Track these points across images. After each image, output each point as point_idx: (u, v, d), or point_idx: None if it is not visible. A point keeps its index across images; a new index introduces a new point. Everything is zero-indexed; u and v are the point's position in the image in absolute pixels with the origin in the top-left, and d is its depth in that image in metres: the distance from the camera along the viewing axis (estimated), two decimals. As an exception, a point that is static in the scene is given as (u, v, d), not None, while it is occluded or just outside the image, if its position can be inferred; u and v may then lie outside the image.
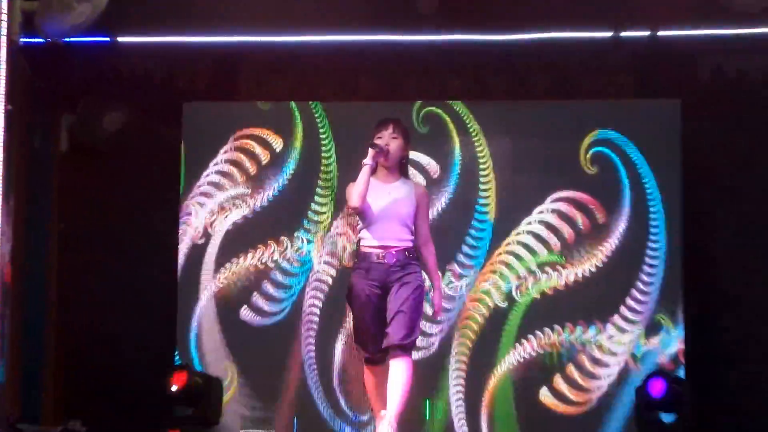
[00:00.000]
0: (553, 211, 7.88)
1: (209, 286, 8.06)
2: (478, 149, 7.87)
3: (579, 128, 7.83)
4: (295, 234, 7.94)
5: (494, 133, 7.87)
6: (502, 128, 7.83)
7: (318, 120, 7.99)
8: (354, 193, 5.11)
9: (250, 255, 8.05)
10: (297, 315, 7.92)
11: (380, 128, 5.21)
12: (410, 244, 5.27)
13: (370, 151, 5.13)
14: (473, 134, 7.89)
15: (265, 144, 8.02)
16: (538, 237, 7.89)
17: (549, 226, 7.87)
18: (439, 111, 7.89)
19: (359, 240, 5.27)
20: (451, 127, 7.91)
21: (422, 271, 5.31)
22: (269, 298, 8.01)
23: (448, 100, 7.87)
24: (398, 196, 5.24)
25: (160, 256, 7.93)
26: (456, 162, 7.87)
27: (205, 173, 8.07)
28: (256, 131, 8.04)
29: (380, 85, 7.86)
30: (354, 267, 5.31)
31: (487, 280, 7.93)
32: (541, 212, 7.89)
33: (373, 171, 5.17)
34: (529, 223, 7.89)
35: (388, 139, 5.19)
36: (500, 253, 7.90)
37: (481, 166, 7.88)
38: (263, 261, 8.00)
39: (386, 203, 5.21)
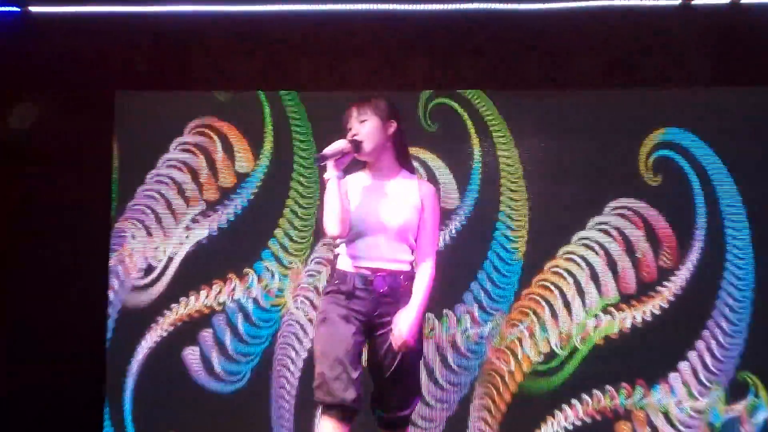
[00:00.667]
0: (603, 234, 6.44)
1: (150, 336, 6.56)
2: (504, 153, 6.45)
3: (638, 126, 6.38)
4: (264, 264, 6.46)
5: (525, 133, 6.47)
6: (536, 126, 6.44)
7: (294, 114, 6.54)
8: (329, 219, 4.04)
9: (203, 294, 6.51)
10: (265, 374, 6.46)
11: (345, 119, 4.21)
12: (408, 267, 4.15)
13: (328, 162, 4.10)
14: (497, 134, 6.46)
15: (225, 146, 6.56)
16: (582, 270, 6.45)
17: (597, 256, 6.45)
18: (453, 103, 6.46)
19: (336, 255, 4.17)
20: (469, 124, 6.43)
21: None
22: (228, 356, 6.52)
23: (465, 89, 6.44)
24: (396, 197, 4.14)
25: (87, 295, 6.53)
26: (475, 170, 6.42)
27: (142, 186, 6.63)
28: (213, 129, 6.59)
29: (376, 70, 6.49)
30: (328, 289, 4.16)
31: (516, 326, 6.45)
32: (585, 238, 6.45)
33: (363, 165, 4.17)
34: (571, 253, 6.43)
35: (355, 126, 4.15)
36: (533, 292, 6.44)
37: (508, 176, 6.45)
38: (220, 302, 6.49)
39: (378, 207, 4.10)
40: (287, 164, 6.55)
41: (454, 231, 6.40)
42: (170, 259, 6.51)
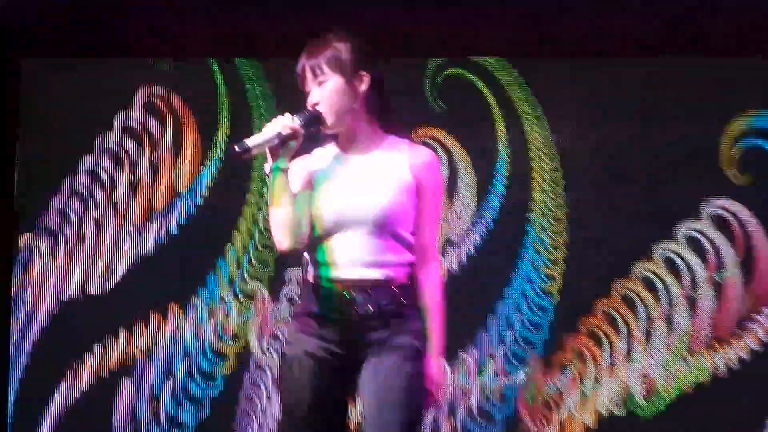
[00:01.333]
0: (677, 247, 5.69)
1: (64, 390, 5.73)
2: (538, 144, 5.72)
3: (719, 107, 5.66)
4: (219, 293, 5.72)
5: (566, 115, 5.73)
6: (580, 105, 5.72)
7: (255, 89, 5.84)
8: (276, 228, 3.46)
9: (136, 332, 5.71)
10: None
11: (299, 79, 3.54)
12: (404, 273, 3.48)
13: (267, 150, 3.46)
14: (528, 116, 5.72)
15: (168, 129, 5.86)
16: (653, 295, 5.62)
17: (671, 274, 5.65)
18: (470, 75, 5.76)
19: (306, 263, 3.56)
20: (491, 101, 5.71)
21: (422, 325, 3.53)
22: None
23: (485, 55, 5.77)
24: (378, 175, 3.51)
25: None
26: (501, 163, 5.69)
27: (57, 188, 5.90)
28: (152, 104, 5.90)
29: (369, 32, 4.96)
30: (296, 310, 3.61)
31: (559, 373, 5.58)
32: (648, 256, 5.57)
33: (332, 137, 3.58)
34: (627, 278, 5.56)
35: (313, 87, 3.51)
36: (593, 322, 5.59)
37: (543, 172, 5.71)
38: (157, 344, 5.75)
39: (350, 193, 3.50)
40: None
41: (471, 246, 5.66)
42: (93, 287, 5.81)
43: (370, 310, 3.48)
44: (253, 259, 5.68)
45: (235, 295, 5.67)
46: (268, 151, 3.42)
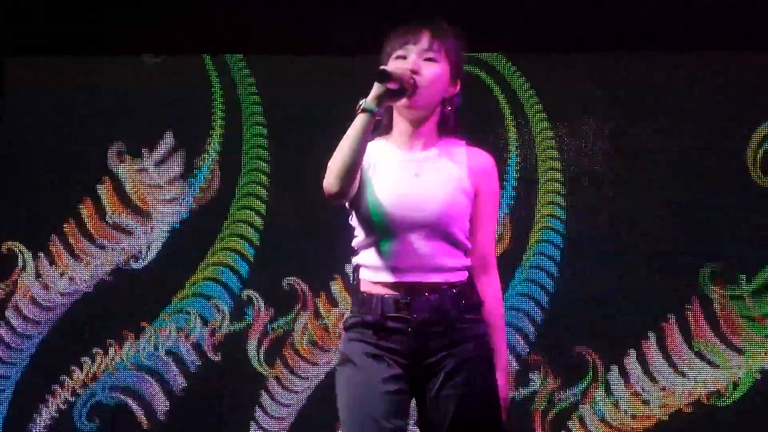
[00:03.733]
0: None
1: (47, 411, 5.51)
2: (549, 144, 5.55)
3: (745, 109, 5.56)
4: (215, 302, 5.46)
5: (581, 113, 5.56)
6: (596, 103, 5.57)
7: (253, 86, 5.67)
8: (334, 168, 3.30)
9: (112, 353, 5.45)
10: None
11: (404, 39, 3.40)
12: (463, 278, 3.40)
13: (377, 86, 3.25)
14: (540, 115, 5.57)
15: (157, 130, 5.64)
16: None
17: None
18: (479, 71, 5.58)
19: (356, 268, 3.42)
20: (501, 99, 5.56)
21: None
22: None
23: (493, 52, 5.62)
24: (436, 177, 3.41)
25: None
26: (510, 168, 5.54)
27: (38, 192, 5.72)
28: (141, 104, 5.72)
29: (369, 29, 5.45)
30: (350, 322, 3.41)
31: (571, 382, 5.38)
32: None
33: (382, 129, 3.45)
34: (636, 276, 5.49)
35: (417, 60, 3.36)
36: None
37: (555, 175, 5.52)
38: (149, 355, 5.50)
39: (409, 194, 3.37)
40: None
41: None
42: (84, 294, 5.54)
43: (428, 315, 3.37)
44: (249, 266, 5.49)
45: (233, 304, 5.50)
46: (383, 89, 3.27)
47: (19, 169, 5.67)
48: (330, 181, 3.32)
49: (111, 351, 5.47)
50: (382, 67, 3.27)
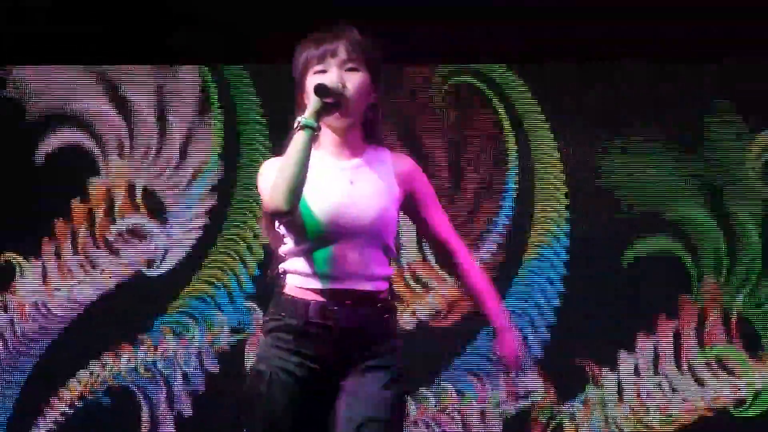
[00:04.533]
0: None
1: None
2: (548, 154, 5.56)
3: (745, 118, 5.55)
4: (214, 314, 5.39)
5: (581, 124, 5.54)
6: (590, 112, 5.56)
7: (249, 97, 5.62)
8: (282, 184, 3.28)
9: (125, 355, 5.39)
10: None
11: (319, 48, 3.39)
12: (386, 288, 3.42)
13: (313, 98, 3.27)
14: (540, 126, 5.56)
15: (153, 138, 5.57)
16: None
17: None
18: (480, 84, 5.59)
19: (281, 272, 3.40)
20: (501, 112, 5.58)
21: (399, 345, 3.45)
22: None
23: (495, 63, 5.62)
24: (368, 184, 3.42)
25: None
26: (510, 173, 5.56)
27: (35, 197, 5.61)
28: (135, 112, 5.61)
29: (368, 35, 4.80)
30: (270, 326, 3.39)
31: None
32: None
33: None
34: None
35: (339, 73, 3.35)
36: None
37: (554, 181, 5.55)
38: (149, 367, 5.43)
39: (344, 201, 3.38)
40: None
41: (479, 259, 5.44)
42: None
43: (352, 323, 3.37)
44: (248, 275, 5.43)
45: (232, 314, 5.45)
46: (321, 104, 3.28)
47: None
48: (279, 199, 3.33)
49: (108, 361, 5.40)
50: (321, 83, 3.29)
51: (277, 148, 3.87)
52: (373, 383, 3.40)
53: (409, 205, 3.49)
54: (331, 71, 3.34)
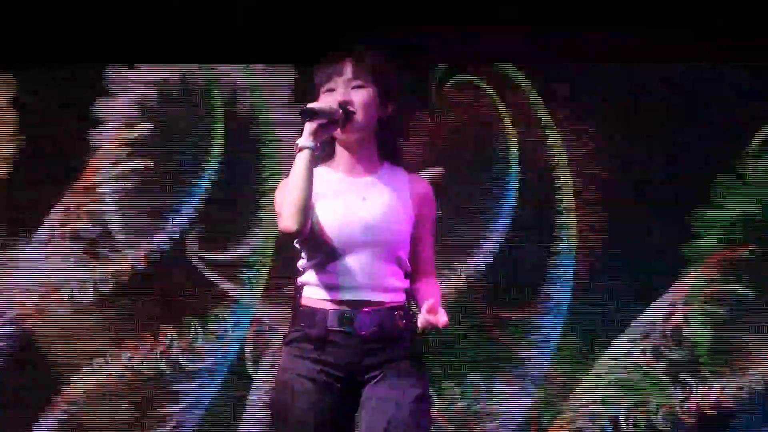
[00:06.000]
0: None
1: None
2: (547, 150, 5.56)
3: (744, 115, 5.50)
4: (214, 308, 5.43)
5: (586, 123, 5.52)
6: (593, 111, 5.54)
7: (251, 97, 5.59)
8: (289, 207, 3.45)
9: (126, 352, 5.41)
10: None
11: (328, 68, 3.58)
12: (403, 297, 3.57)
13: (307, 124, 3.47)
14: (545, 124, 5.53)
15: (154, 142, 5.55)
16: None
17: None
18: (481, 82, 5.58)
19: (300, 286, 3.57)
20: (502, 110, 5.55)
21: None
22: None
23: (498, 62, 5.60)
24: (382, 200, 3.57)
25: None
26: (512, 177, 5.54)
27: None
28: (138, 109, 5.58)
29: (365, 34, 5.35)
30: (290, 337, 3.55)
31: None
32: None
33: (325, 155, 3.61)
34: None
35: (345, 91, 3.53)
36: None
37: (557, 182, 5.52)
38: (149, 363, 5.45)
39: (358, 216, 3.53)
40: (249, 166, 5.51)
41: (482, 264, 5.47)
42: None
43: (371, 331, 3.50)
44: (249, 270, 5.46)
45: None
46: (315, 125, 3.44)
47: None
48: (288, 221, 3.47)
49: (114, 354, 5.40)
50: (308, 106, 3.44)
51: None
52: (394, 391, 3.52)
53: (414, 224, 3.62)
54: (338, 89, 3.50)
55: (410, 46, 5.27)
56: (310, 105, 3.46)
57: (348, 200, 3.59)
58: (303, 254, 3.61)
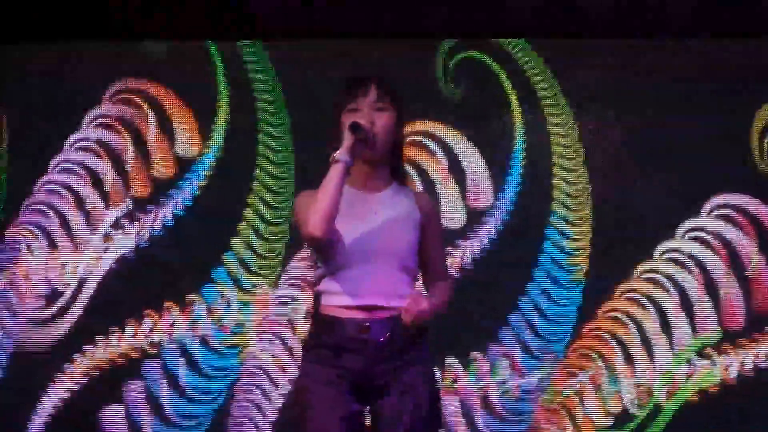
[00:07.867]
0: (699, 245, 5.49)
1: (55, 389, 5.42)
2: (558, 131, 5.54)
3: (750, 92, 5.48)
4: (217, 288, 5.42)
5: (589, 101, 5.52)
6: (606, 90, 5.50)
7: (258, 74, 5.58)
8: (316, 213, 3.59)
9: (130, 331, 5.44)
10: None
11: (354, 93, 3.71)
12: None
13: (347, 135, 3.60)
14: (549, 101, 5.53)
15: (160, 119, 5.56)
16: (670, 296, 5.44)
17: (691, 276, 5.45)
18: (486, 58, 5.56)
19: (318, 295, 3.68)
20: (507, 86, 5.53)
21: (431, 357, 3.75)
22: (165, 419, 5.40)
23: (502, 37, 5.58)
24: (392, 214, 3.72)
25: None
26: (516, 154, 5.53)
27: (44, 177, 5.57)
28: (143, 95, 5.60)
29: (373, 8, 5.61)
30: (308, 345, 3.68)
31: (575, 376, 5.37)
32: (674, 250, 5.47)
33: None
34: (653, 272, 5.45)
35: (369, 112, 3.67)
36: (600, 327, 5.40)
37: (564, 163, 5.51)
38: (154, 342, 5.44)
39: (370, 228, 3.68)
40: (249, 146, 5.51)
41: (486, 240, 5.48)
42: (83, 281, 5.47)
43: (385, 338, 3.61)
44: (254, 256, 5.49)
45: (238, 284, 5.47)
46: (353, 141, 3.58)
47: (30, 147, 5.53)
48: (315, 227, 3.61)
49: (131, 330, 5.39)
50: (355, 121, 3.57)
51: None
52: (409, 401, 3.63)
53: (421, 236, 3.77)
54: (362, 110, 3.64)
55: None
56: (356, 120, 3.62)
57: (362, 214, 3.73)
58: (319, 264, 3.73)
